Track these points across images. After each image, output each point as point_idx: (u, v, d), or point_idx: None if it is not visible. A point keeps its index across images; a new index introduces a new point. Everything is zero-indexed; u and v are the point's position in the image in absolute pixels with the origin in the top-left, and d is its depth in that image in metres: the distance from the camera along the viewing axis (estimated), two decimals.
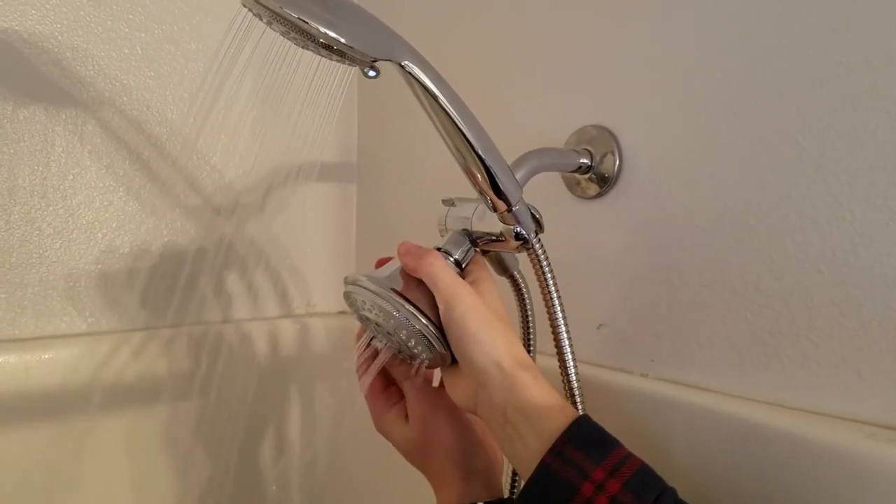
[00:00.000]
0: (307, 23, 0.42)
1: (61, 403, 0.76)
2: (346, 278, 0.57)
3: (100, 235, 0.83)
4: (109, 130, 0.83)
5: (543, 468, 0.44)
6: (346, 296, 0.57)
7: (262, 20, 0.45)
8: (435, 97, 0.46)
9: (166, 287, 0.87)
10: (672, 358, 0.66)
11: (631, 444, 0.45)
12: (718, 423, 0.59)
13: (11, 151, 0.75)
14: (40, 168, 0.78)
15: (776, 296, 0.58)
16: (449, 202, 0.61)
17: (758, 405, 0.58)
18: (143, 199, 0.86)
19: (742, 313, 0.60)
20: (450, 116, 0.47)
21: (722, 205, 0.61)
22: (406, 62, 0.45)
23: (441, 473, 0.56)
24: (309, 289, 1.05)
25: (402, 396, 0.60)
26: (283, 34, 0.45)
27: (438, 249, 0.57)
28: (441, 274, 0.52)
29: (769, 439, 0.55)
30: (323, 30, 0.42)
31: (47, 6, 0.77)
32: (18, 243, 0.77)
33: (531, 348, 0.66)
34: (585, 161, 0.69)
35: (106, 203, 0.83)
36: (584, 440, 0.44)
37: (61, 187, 0.80)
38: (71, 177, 0.80)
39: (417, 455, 0.58)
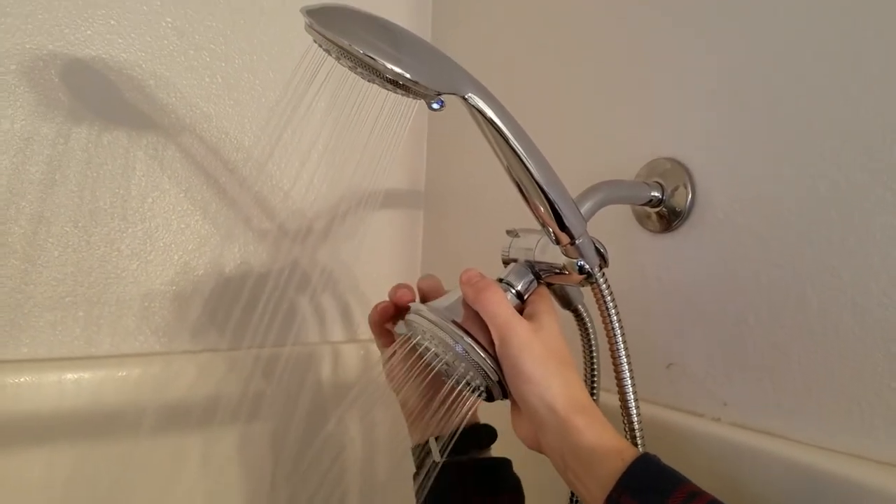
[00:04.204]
0: (374, 59, 0.42)
1: (132, 421, 0.78)
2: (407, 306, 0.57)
3: (176, 257, 0.86)
4: (188, 156, 0.86)
5: None
6: (407, 324, 0.57)
7: (330, 55, 0.46)
8: (498, 129, 0.46)
9: (237, 309, 0.89)
10: (746, 402, 0.63)
11: None
12: (795, 473, 0.56)
13: (95, 174, 0.79)
14: (121, 191, 0.81)
15: (858, 341, 0.55)
16: (513, 233, 0.61)
17: (838, 456, 0.55)
18: (218, 223, 0.88)
19: (821, 358, 0.57)
20: (512, 148, 0.47)
21: (802, 243, 0.58)
22: (469, 94, 0.45)
23: (412, 409, 0.63)
24: None
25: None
26: (350, 69, 0.46)
27: (500, 280, 0.57)
28: (497, 308, 0.51)
29: (850, 493, 0.52)
30: (389, 66, 0.42)
31: (133, 35, 0.81)
32: (98, 263, 0.80)
33: (595, 385, 0.64)
34: (656, 194, 0.67)
35: (183, 226, 0.86)
36: (641, 486, 0.42)
37: (140, 210, 0.82)
38: (150, 200, 0.83)
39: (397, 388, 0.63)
